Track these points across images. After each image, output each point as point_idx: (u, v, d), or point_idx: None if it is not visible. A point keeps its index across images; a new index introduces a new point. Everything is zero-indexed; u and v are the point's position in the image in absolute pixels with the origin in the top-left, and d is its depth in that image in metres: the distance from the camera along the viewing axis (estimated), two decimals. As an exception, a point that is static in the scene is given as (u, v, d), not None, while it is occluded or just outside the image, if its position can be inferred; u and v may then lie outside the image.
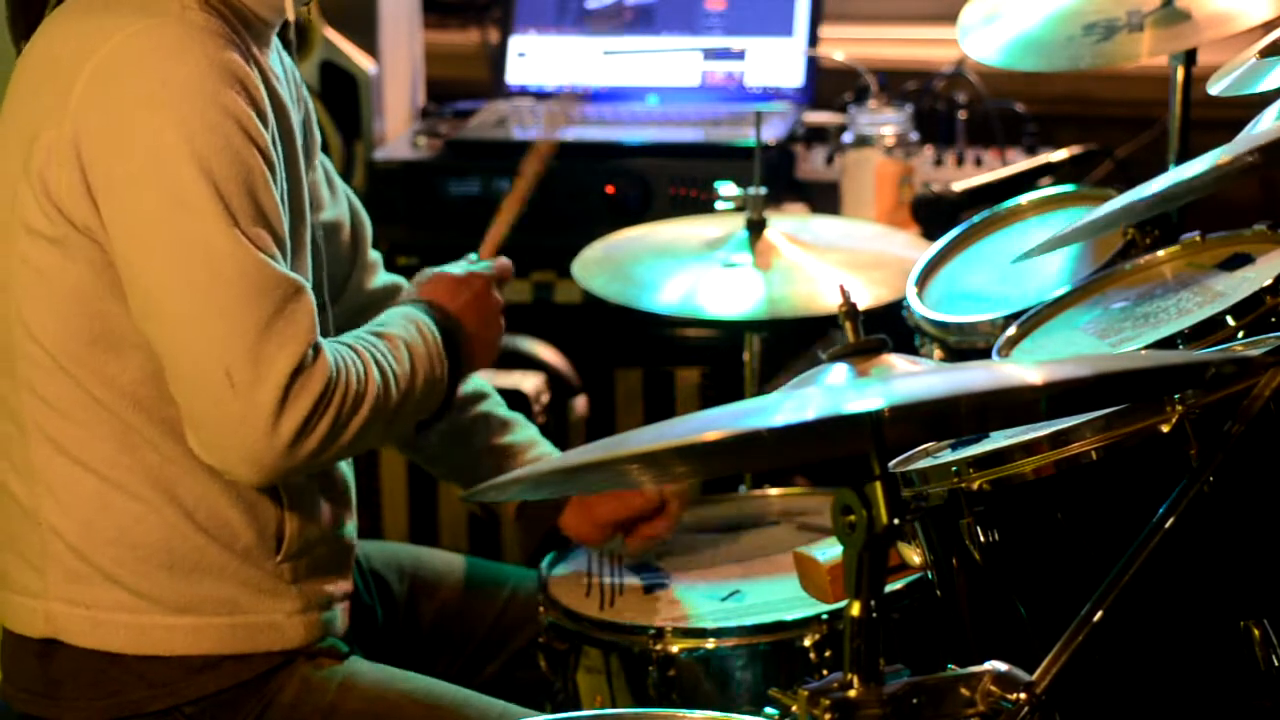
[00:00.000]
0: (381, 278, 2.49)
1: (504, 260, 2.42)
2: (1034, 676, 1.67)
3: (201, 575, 2.17)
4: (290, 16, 2.18)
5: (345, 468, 2.32)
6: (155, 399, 2.13)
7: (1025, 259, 2.34)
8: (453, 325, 2.28)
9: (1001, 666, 1.67)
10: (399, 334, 2.21)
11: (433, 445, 2.49)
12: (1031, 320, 2.31)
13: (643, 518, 2.47)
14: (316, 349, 2.08)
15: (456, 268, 2.37)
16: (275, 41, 2.22)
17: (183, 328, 2.05)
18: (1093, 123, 3.68)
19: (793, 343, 3.15)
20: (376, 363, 2.15)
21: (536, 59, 3.73)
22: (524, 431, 2.53)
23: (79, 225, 2.08)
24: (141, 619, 2.17)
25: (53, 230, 2.09)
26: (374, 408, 2.13)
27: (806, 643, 2.25)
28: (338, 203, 2.42)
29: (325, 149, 2.44)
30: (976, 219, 2.74)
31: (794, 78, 3.63)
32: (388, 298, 2.45)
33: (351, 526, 2.31)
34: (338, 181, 2.43)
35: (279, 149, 2.13)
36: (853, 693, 1.59)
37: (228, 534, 2.17)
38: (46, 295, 2.12)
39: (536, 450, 2.51)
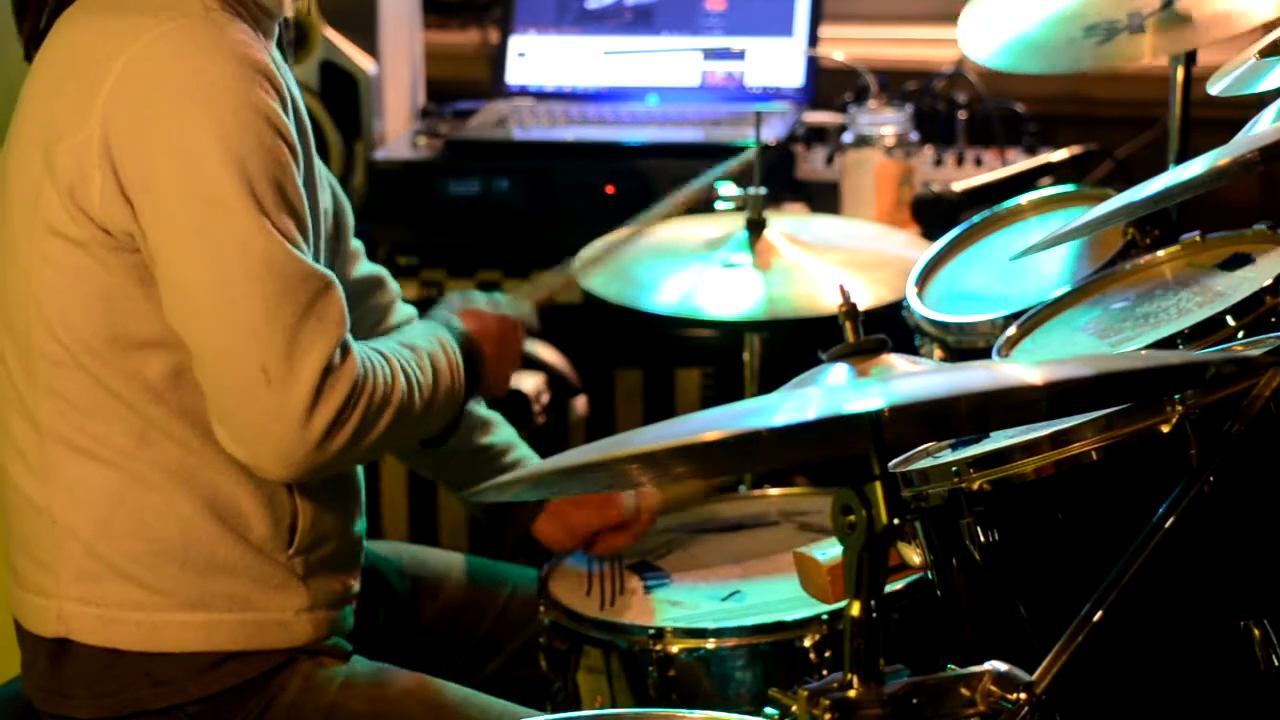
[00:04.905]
0: (364, 267, 2.49)
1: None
2: (1034, 676, 1.67)
3: (215, 570, 2.18)
4: (289, 13, 2.20)
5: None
6: (177, 391, 2.14)
7: (1022, 256, 2.34)
8: (475, 352, 2.32)
9: (1001, 666, 1.67)
10: (424, 347, 2.25)
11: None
12: (1031, 320, 2.31)
13: (613, 527, 2.48)
14: (345, 346, 2.10)
15: (488, 303, 2.42)
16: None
17: (218, 324, 2.06)
18: (1093, 123, 3.68)
19: (793, 343, 3.15)
20: (403, 369, 2.18)
21: (536, 59, 3.73)
22: (503, 432, 2.55)
23: (113, 230, 2.09)
24: (153, 616, 2.17)
25: (78, 233, 2.10)
26: (399, 411, 2.16)
27: (806, 643, 2.24)
28: (323, 191, 2.42)
29: (324, 148, 2.44)
30: (976, 219, 2.74)
31: (794, 78, 3.63)
32: (370, 288, 2.47)
33: (361, 524, 2.32)
34: (323, 169, 2.43)
35: (299, 142, 2.14)
36: (853, 693, 1.59)
37: (243, 525, 2.18)
38: (70, 294, 2.12)
39: (515, 453, 2.54)
